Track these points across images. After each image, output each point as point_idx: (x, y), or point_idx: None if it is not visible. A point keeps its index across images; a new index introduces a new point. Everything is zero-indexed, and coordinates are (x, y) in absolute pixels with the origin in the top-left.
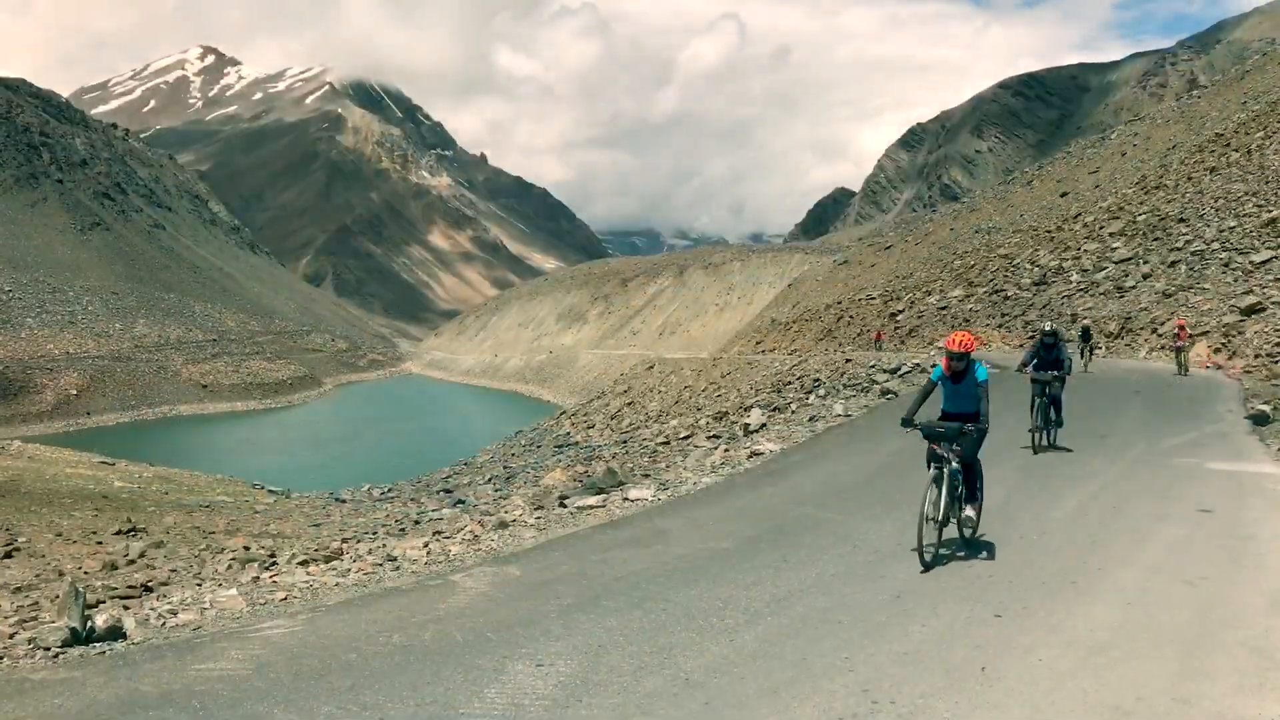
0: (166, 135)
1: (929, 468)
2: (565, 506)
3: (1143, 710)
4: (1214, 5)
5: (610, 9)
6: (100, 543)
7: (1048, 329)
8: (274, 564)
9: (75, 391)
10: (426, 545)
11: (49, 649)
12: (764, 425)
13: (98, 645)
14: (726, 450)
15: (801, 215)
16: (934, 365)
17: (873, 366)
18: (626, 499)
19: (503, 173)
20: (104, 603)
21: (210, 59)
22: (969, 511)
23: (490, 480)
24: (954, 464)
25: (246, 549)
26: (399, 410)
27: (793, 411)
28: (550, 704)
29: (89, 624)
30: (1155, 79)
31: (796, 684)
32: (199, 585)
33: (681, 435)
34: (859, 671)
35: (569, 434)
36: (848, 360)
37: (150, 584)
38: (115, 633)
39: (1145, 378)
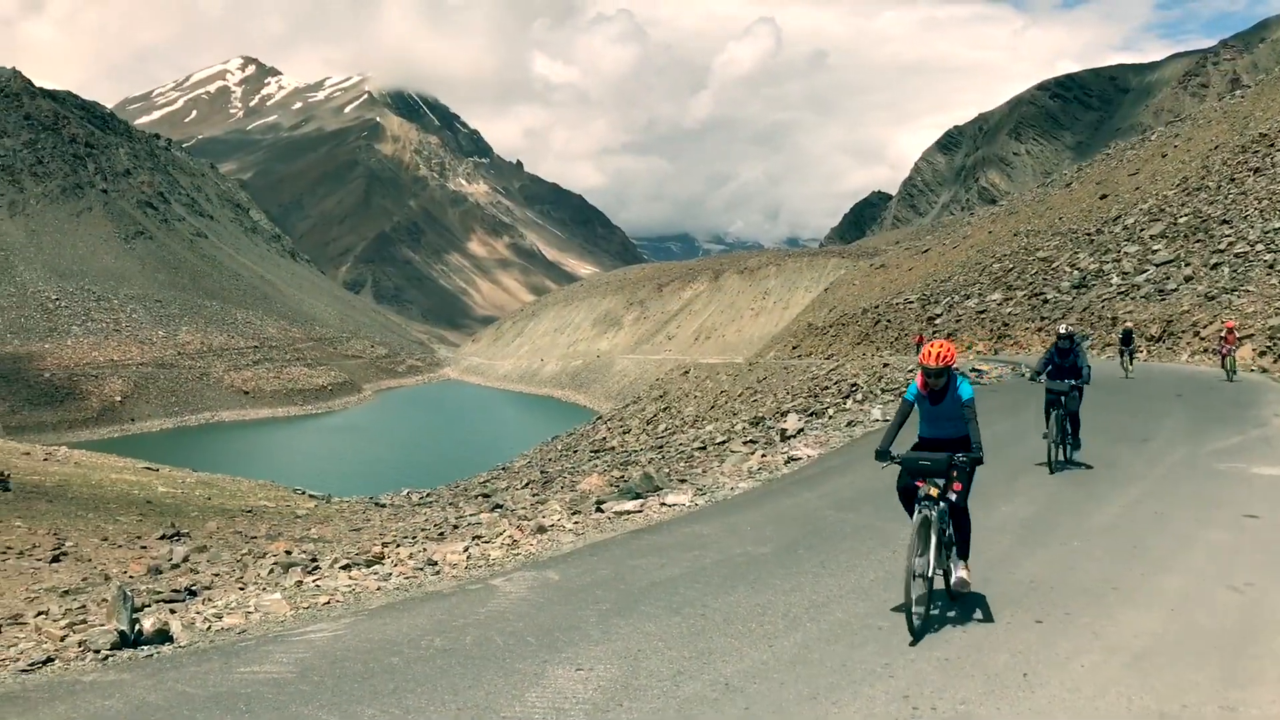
0: (208, 145)
1: (911, 512)
2: (603, 511)
3: (1188, 718)
4: (1258, 3)
5: (646, 14)
6: (145, 547)
7: (1063, 331)
8: (316, 568)
9: (120, 398)
10: (466, 550)
11: (98, 651)
12: (801, 430)
13: (145, 648)
14: (763, 455)
15: (838, 219)
16: (909, 383)
17: (910, 370)
18: (664, 504)
19: (539, 179)
20: (150, 606)
21: (251, 69)
22: (961, 573)
23: (527, 485)
24: (941, 504)
25: (288, 553)
26: (437, 416)
27: (830, 416)
28: (590, 708)
29: (137, 627)
30: (1197, 79)
31: (836, 690)
32: (242, 589)
33: (718, 440)
34: (899, 677)
35: (605, 439)
36: (885, 364)
37: (194, 588)
38: (162, 636)
39: (1187, 381)
